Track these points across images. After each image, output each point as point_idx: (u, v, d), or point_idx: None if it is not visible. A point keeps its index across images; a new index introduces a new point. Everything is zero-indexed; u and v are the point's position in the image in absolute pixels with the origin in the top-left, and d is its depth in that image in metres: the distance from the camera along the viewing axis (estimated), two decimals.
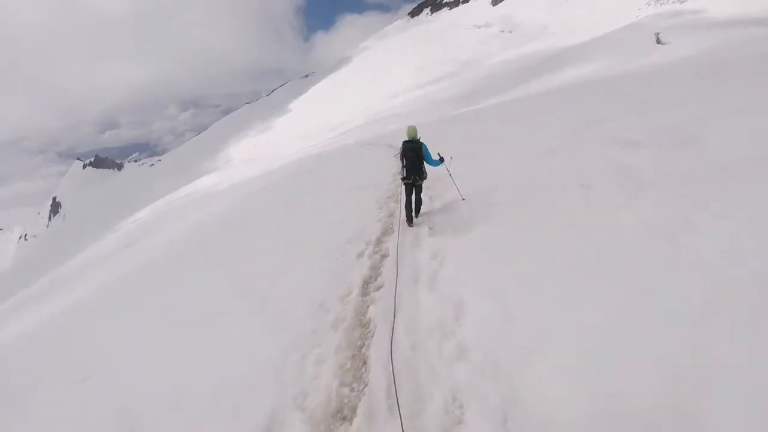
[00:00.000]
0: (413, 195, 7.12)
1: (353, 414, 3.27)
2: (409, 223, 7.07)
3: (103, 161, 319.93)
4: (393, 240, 6.67)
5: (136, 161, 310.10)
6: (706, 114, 8.50)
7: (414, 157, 6.83)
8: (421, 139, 7.10)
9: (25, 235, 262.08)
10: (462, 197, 7.56)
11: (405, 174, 6.90)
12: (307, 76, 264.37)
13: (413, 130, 7.13)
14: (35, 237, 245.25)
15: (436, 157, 7.29)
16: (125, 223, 70.86)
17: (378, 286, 5.18)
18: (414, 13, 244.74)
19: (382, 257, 6.11)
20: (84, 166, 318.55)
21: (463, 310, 3.96)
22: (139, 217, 66.77)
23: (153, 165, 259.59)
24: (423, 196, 7.47)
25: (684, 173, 5.56)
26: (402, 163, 6.96)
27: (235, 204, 17.87)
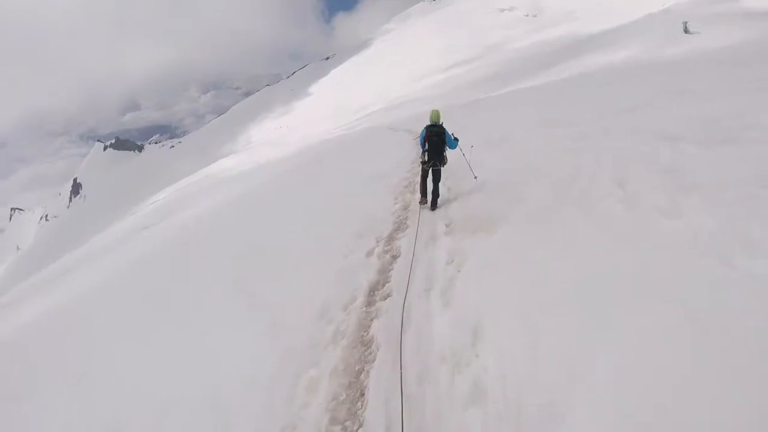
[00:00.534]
0: (430, 178, 7.07)
1: None
2: (424, 199, 7.14)
3: (124, 143, 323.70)
4: (406, 237, 6.10)
5: (156, 143, 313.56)
6: (747, 107, 7.67)
7: (438, 142, 6.78)
8: (444, 125, 6.97)
9: (47, 216, 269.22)
10: (474, 176, 7.41)
11: (426, 158, 6.87)
12: (328, 58, 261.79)
13: (437, 114, 7.01)
14: (56, 218, 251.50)
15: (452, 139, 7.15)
16: (144, 205, 72.00)
17: (385, 294, 4.59)
18: None
19: (392, 258, 5.53)
20: (105, 147, 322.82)
21: (482, 334, 3.34)
22: (158, 199, 67.69)
23: (173, 147, 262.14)
24: (441, 186, 7.23)
25: (734, 176, 4.83)
26: (423, 147, 6.92)
27: (247, 192, 17.49)
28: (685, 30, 32.65)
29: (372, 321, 4.13)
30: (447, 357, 3.27)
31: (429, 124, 6.93)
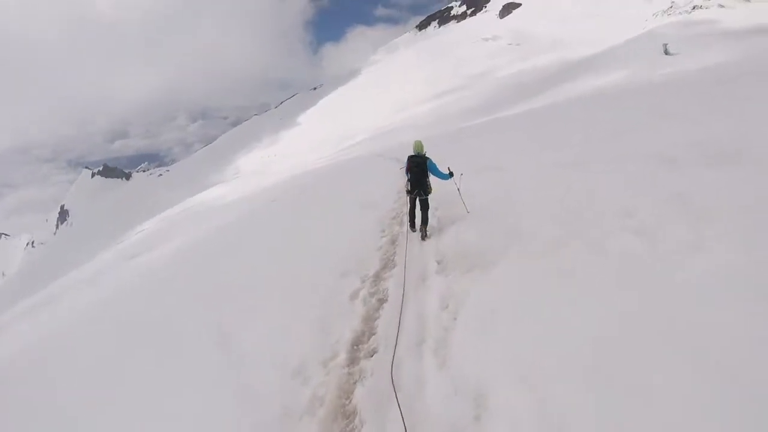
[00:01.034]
0: (417, 208, 7.14)
1: None
2: (413, 229, 7.24)
3: (112, 170, 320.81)
4: (394, 278, 5.56)
5: (144, 171, 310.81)
6: (739, 126, 7.53)
7: (419, 172, 6.87)
8: (427, 154, 7.06)
9: (33, 242, 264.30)
10: (467, 210, 7.18)
11: (409, 188, 7.01)
12: (316, 88, 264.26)
13: (419, 145, 7.11)
14: (42, 244, 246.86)
15: (445, 171, 7.13)
16: (131, 234, 70.39)
17: (371, 349, 3.98)
18: (422, 26, 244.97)
19: (379, 302, 4.96)
20: (92, 174, 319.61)
21: (486, 406, 2.75)
22: (144, 228, 66.25)
23: (161, 175, 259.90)
24: (430, 215, 7.14)
25: (746, 199, 4.43)
26: (407, 177, 7.06)
27: (227, 225, 16.83)
28: (666, 51, 33.40)
29: (355, 385, 3.52)
30: None
31: (412, 154, 7.03)
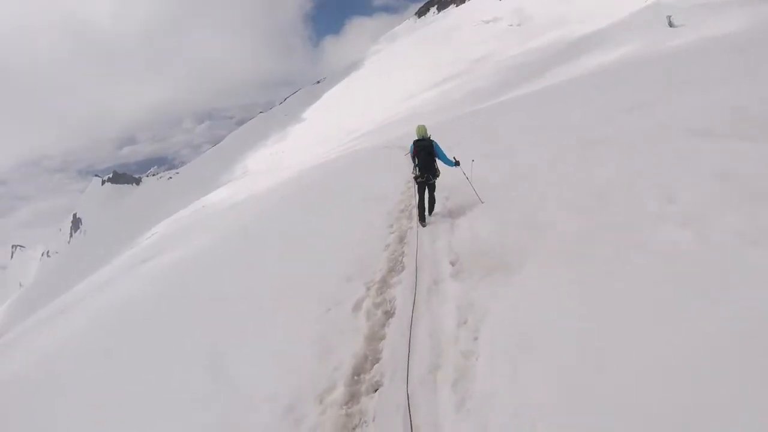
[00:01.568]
0: (426, 193, 6.94)
1: None
2: (422, 223, 6.89)
3: (122, 176, 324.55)
4: (402, 284, 4.89)
5: (154, 175, 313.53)
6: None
7: (426, 156, 6.74)
8: (432, 137, 6.95)
9: (47, 252, 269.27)
10: (481, 200, 6.72)
11: (418, 172, 6.79)
12: (319, 82, 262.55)
13: (423, 128, 7.03)
14: (57, 253, 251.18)
15: (450, 158, 7.00)
16: (143, 238, 70.69)
17: (374, 381, 3.28)
18: (421, 13, 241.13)
19: (385, 315, 4.27)
20: (103, 182, 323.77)
21: None
22: (156, 232, 66.45)
23: (171, 178, 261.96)
24: (437, 194, 7.11)
25: None
26: (414, 162, 6.88)
27: (233, 228, 16.28)
28: (670, 24, 32.20)
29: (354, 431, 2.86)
30: None
31: (416, 138, 6.90)
